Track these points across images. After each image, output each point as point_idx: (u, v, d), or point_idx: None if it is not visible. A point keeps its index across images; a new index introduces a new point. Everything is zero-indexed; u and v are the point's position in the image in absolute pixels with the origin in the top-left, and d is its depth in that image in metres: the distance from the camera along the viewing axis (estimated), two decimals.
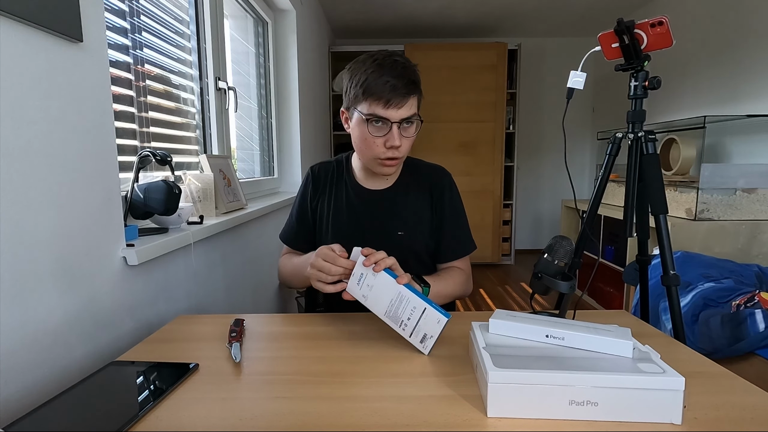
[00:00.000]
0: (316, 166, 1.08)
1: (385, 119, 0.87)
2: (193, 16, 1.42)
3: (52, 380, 0.66)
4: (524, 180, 4.36)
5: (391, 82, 0.84)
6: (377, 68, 0.85)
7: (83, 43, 0.72)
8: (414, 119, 0.90)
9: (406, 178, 1.03)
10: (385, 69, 0.85)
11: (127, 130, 1.05)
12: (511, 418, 0.51)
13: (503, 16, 3.61)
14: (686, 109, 2.90)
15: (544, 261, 0.75)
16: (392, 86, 0.84)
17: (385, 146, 0.89)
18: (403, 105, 0.86)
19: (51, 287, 0.66)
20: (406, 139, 0.90)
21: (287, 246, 1.09)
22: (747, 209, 2.10)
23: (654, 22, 1.12)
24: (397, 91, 0.85)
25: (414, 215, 1.01)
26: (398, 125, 0.87)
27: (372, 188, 1.02)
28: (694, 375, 0.59)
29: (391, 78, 0.84)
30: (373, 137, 0.89)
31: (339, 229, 1.01)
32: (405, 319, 0.70)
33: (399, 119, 0.87)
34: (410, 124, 0.90)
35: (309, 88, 2.69)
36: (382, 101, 0.85)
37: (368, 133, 0.89)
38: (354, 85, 0.88)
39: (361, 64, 0.88)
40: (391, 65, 0.86)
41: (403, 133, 0.89)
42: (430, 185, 1.03)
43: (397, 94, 0.85)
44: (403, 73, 0.86)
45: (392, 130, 0.87)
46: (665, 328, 1.74)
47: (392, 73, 0.85)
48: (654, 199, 1.24)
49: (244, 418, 0.52)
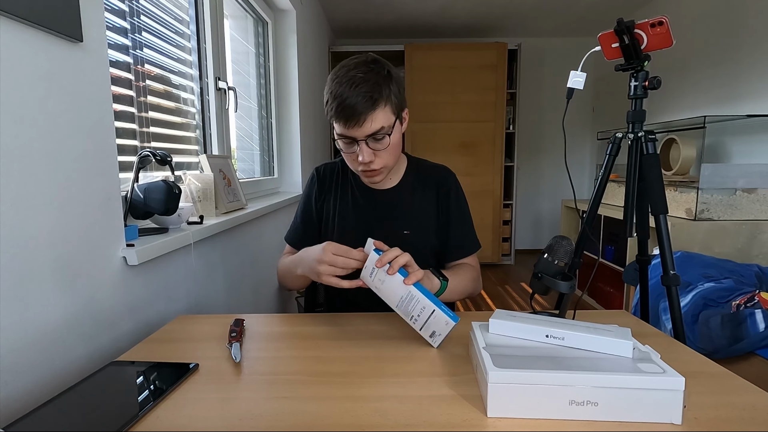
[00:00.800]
0: (321, 166, 1.08)
1: (351, 138, 0.86)
2: (193, 16, 1.42)
3: (52, 380, 0.66)
4: (524, 180, 4.36)
5: (348, 101, 0.82)
6: (336, 87, 0.83)
7: (83, 43, 0.72)
8: (382, 133, 0.86)
9: (410, 178, 1.03)
10: (343, 87, 0.82)
11: (127, 130, 1.05)
12: (511, 418, 0.51)
13: (503, 16, 3.61)
14: (686, 109, 2.90)
15: (544, 261, 0.75)
16: (349, 107, 0.82)
17: (359, 161, 0.88)
18: (364, 122, 0.83)
19: (51, 287, 0.66)
20: (382, 151, 0.88)
21: (291, 247, 1.08)
22: (747, 209, 2.10)
23: (654, 22, 1.12)
24: (355, 110, 0.82)
25: (420, 214, 1.01)
26: (365, 142, 0.86)
27: (377, 188, 1.02)
28: (694, 375, 0.59)
29: (348, 97, 0.82)
30: (347, 154, 0.90)
31: (345, 229, 1.01)
32: (415, 315, 0.72)
33: (363, 136, 0.85)
34: (381, 138, 0.86)
35: (309, 88, 2.69)
36: (341, 121, 0.84)
37: (341, 149, 0.90)
38: (324, 101, 0.88)
39: (329, 82, 0.86)
40: (348, 83, 0.82)
41: (375, 147, 0.87)
42: (436, 184, 1.04)
43: (354, 113, 0.82)
44: (362, 89, 0.82)
45: (360, 147, 0.86)
46: (665, 328, 1.74)
47: (349, 92, 0.82)
48: (654, 199, 1.24)
49: (244, 418, 0.52)
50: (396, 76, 0.89)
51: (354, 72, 0.84)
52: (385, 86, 0.85)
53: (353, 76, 0.83)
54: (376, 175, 0.92)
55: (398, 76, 0.89)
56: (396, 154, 0.93)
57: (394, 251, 0.73)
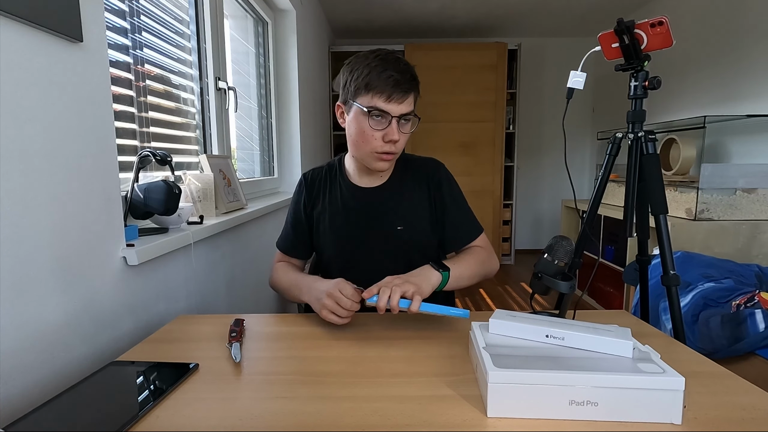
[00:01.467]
0: (308, 172, 1.08)
1: (386, 113, 0.88)
2: (193, 16, 1.42)
3: (52, 380, 0.66)
4: (524, 180, 4.36)
5: (395, 76, 0.86)
6: (380, 62, 0.87)
7: (83, 43, 0.72)
8: (411, 116, 0.92)
9: (399, 174, 1.04)
10: (389, 63, 0.87)
11: (127, 130, 1.05)
12: (511, 418, 0.51)
13: (503, 16, 3.61)
14: (686, 109, 2.90)
15: (544, 261, 0.75)
16: (395, 81, 0.86)
17: (384, 140, 0.90)
18: (404, 100, 0.88)
19: (51, 287, 0.66)
20: (403, 135, 0.92)
21: (282, 254, 1.10)
22: (747, 209, 2.10)
23: (654, 22, 1.12)
24: (400, 86, 0.87)
25: (412, 209, 1.01)
26: (397, 120, 0.89)
27: (367, 186, 1.02)
28: (694, 375, 0.59)
29: (395, 73, 0.86)
30: (372, 130, 0.90)
31: (338, 230, 1.01)
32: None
33: (399, 114, 0.89)
34: (408, 120, 0.92)
35: (309, 88, 2.69)
36: (384, 95, 0.87)
37: (368, 125, 0.90)
38: (355, 78, 0.89)
39: (362, 59, 0.90)
40: (394, 61, 0.88)
41: (401, 129, 0.91)
42: (426, 178, 1.04)
43: (399, 89, 0.87)
44: (406, 69, 0.88)
45: (391, 125, 0.89)
46: (665, 328, 1.74)
47: (395, 68, 0.87)
48: (654, 199, 1.24)
49: (244, 418, 0.52)
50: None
51: (395, 54, 0.90)
52: (417, 77, 0.92)
53: (397, 58, 0.89)
54: (392, 158, 0.95)
55: None
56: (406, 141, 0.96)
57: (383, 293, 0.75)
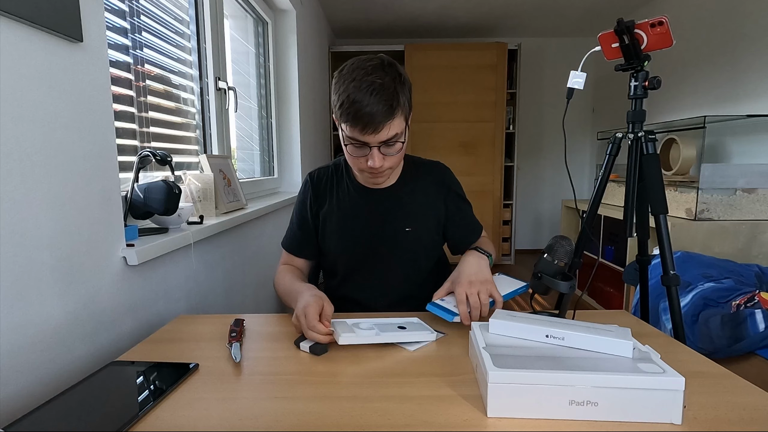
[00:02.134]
0: (314, 171, 1.07)
1: (364, 143, 0.85)
2: (193, 16, 1.42)
3: (52, 380, 0.66)
4: (524, 180, 4.36)
5: (367, 109, 0.80)
6: (355, 92, 0.81)
7: (83, 43, 0.72)
8: (395, 140, 0.86)
9: (407, 175, 1.04)
10: (363, 94, 0.80)
11: (127, 130, 1.05)
12: (511, 418, 0.51)
13: (503, 16, 3.61)
14: (686, 109, 2.90)
15: (544, 261, 0.75)
16: (368, 114, 0.80)
17: (366, 165, 0.88)
18: (381, 130, 0.83)
19: (51, 287, 0.66)
20: (390, 156, 0.89)
21: (289, 254, 1.08)
22: (747, 209, 2.10)
23: (654, 22, 1.12)
24: (374, 118, 0.81)
25: (420, 210, 1.02)
26: (378, 147, 0.86)
27: (375, 187, 1.02)
28: (694, 375, 0.59)
29: (366, 106, 0.80)
30: (355, 157, 0.89)
31: (345, 231, 1.00)
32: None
33: (378, 143, 0.85)
34: (392, 144, 0.87)
35: (309, 88, 2.69)
36: (358, 128, 0.82)
37: (349, 152, 0.89)
38: (335, 101, 0.85)
39: (343, 79, 0.84)
40: (367, 89, 0.81)
41: (386, 152, 0.87)
42: (434, 181, 1.04)
43: (373, 121, 0.81)
44: (382, 97, 0.81)
45: (372, 152, 0.86)
46: (665, 328, 1.74)
47: (369, 100, 0.80)
48: (654, 199, 1.24)
49: (244, 418, 0.52)
50: (406, 79, 0.88)
51: (372, 77, 0.82)
52: (401, 93, 0.84)
53: (372, 82, 0.81)
54: (381, 176, 0.93)
55: (408, 80, 0.89)
56: (402, 156, 0.93)
57: (474, 308, 0.80)
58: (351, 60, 0.87)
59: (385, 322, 0.78)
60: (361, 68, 0.83)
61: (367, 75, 0.82)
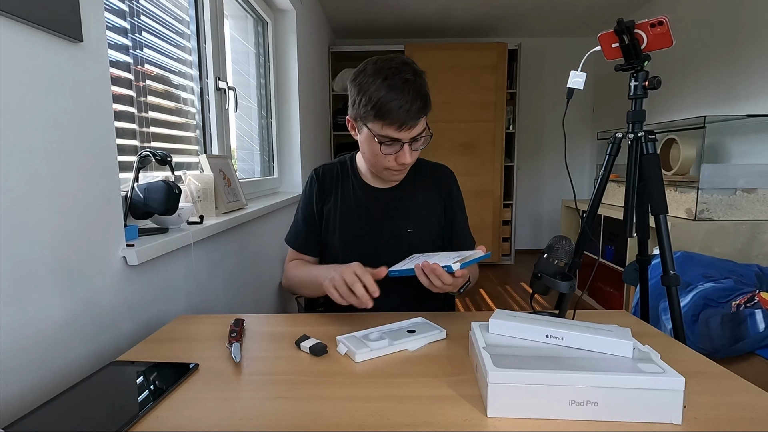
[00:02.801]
0: (319, 168, 1.07)
1: (397, 140, 0.87)
2: (193, 16, 1.42)
3: (52, 380, 0.66)
4: (524, 180, 4.36)
5: (405, 107, 0.82)
6: (389, 90, 0.82)
7: (83, 43, 0.72)
8: (423, 134, 0.90)
9: (412, 177, 1.04)
10: (397, 92, 0.82)
11: (127, 130, 1.05)
12: (511, 418, 0.51)
13: (503, 16, 3.61)
14: (686, 109, 2.90)
15: (544, 261, 0.75)
16: (406, 111, 0.83)
17: (396, 161, 0.90)
18: (416, 126, 0.86)
19: (51, 287, 0.66)
20: (415, 152, 0.91)
21: (295, 251, 1.08)
22: (747, 209, 2.10)
23: (654, 22, 1.12)
24: (411, 115, 0.83)
25: (423, 212, 1.02)
26: (409, 143, 0.88)
27: (380, 187, 1.03)
28: (694, 375, 0.59)
29: (405, 103, 0.82)
30: (385, 155, 0.90)
31: (347, 228, 1.01)
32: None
33: (410, 138, 0.87)
34: (420, 139, 0.90)
35: (309, 88, 2.69)
36: (395, 125, 0.84)
37: (380, 151, 0.89)
38: (364, 102, 0.86)
39: (371, 79, 0.85)
40: (402, 87, 0.83)
41: (413, 148, 0.90)
42: (438, 184, 1.05)
43: (410, 117, 0.84)
44: (417, 94, 0.83)
45: (404, 149, 0.88)
46: (665, 328, 1.74)
47: (405, 97, 0.82)
48: (654, 199, 1.24)
49: (244, 418, 0.52)
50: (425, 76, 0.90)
51: (404, 75, 0.83)
52: (428, 93, 0.87)
53: (406, 80, 0.83)
54: (405, 172, 0.96)
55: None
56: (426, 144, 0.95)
57: (431, 274, 0.77)
58: (367, 61, 0.88)
59: (392, 328, 0.78)
60: (388, 68, 0.85)
61: (398, 73, 0.84)
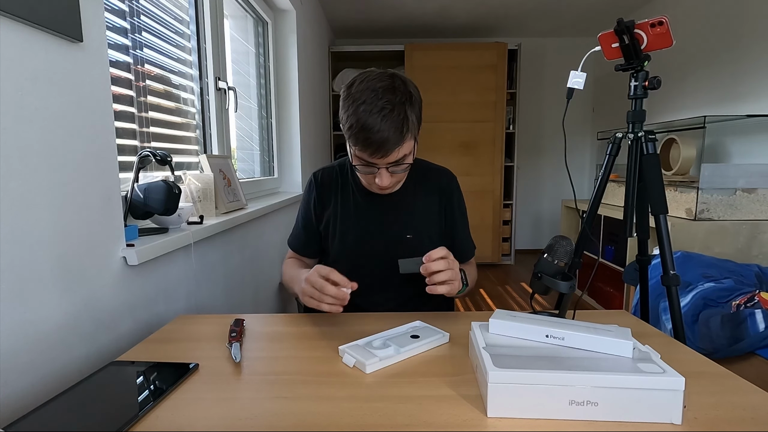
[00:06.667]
0: (318, 172, 1.07)
1: (373, 164, 0.85)
2: (193, 16, 1.42)
3: (52, 380, 0.66)
4: (524, 180, 4.36)
5: (378, 136, 0.79)
6: (365, 116, 0.79)
7: (83, 43, 0.72)
8: (403, 161, 0.86)
9: (413, 180, 1.03)
10: (372, 118, 0.79)
11: (127, 130, 1.05)
12: (511, 418, 0.51)
13: (503, 16, 3.61)
14: (686, 109, 2.90)
15: (544, 261, 0.75)
16: (378, 141, 0.80)
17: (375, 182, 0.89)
18: (390, 154, 0.82)
19: (51, 287, 0.66)
20: (398, 174, 0.89)
21: (294, 252, 1.09)
22: (747, 209, 2.10)
23: (654, 22, 1.12)
24: (384, 145, 0.80)
25: (423, 218, 1.01)
26: (386, 168, 0.86)
27: (378, 192, 1.02)
28: (694, 375, 0.59)
29: (379, 131, 0.79)
30: (363, 174, 0.90)
31: (347, 233, 1.00)
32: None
33: (386, 164, 0.85)
34: (401, 163, 0.87)
35: (309, 88, 2.69)
36: (367, 152, 0.82)
37: (357, 169, 0.89)
38: (344, 120, 0.84)
39: (351, 100, 0.82)
40: (378, 112, 0.79)
41: (393, 171, 0.88)
42: (439, 189, 1.04)
43: (382, 146, 0.80)
44: (392, 126, 0.79)
45: (380, 172, 0.86)
46: (665, 328, 1.74)
47: (380, 125, 0.79)
48: (654, 199, 1.24)
49: (244, 418, 0.52)
50: (417, 97, 0.87)
51: (383, 102, 0.80)
52: (411, 114, 0.83)
53: (383, 107, 0.79)
54: (387, 190, 0.94)
55: (418, 96, 0.87)
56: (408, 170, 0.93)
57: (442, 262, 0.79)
58: (361, 75, 0.85)
59: (394, 333, 0.77)
60: (371, 90, 0.81)
61: (377, 99, 0.80)
